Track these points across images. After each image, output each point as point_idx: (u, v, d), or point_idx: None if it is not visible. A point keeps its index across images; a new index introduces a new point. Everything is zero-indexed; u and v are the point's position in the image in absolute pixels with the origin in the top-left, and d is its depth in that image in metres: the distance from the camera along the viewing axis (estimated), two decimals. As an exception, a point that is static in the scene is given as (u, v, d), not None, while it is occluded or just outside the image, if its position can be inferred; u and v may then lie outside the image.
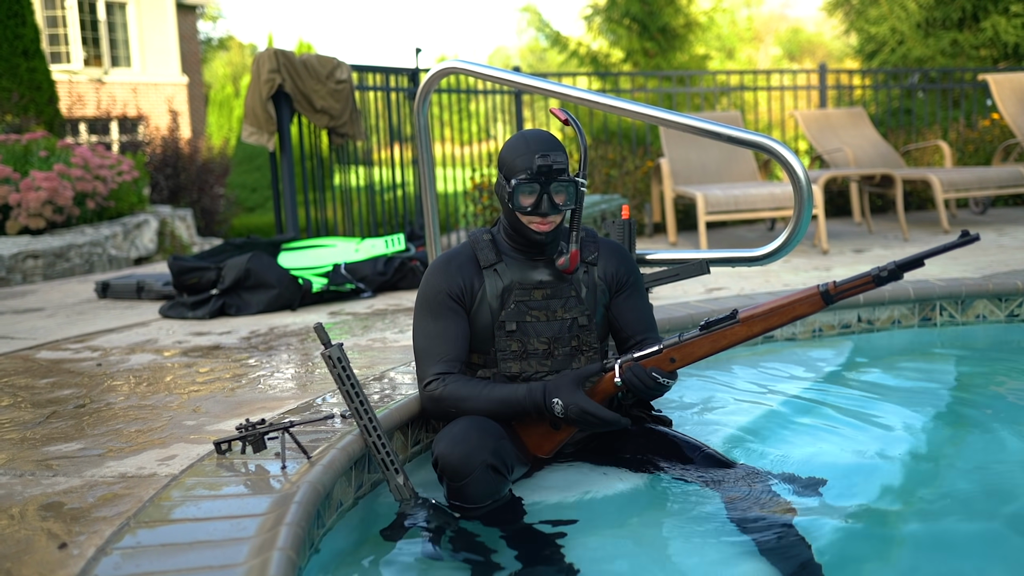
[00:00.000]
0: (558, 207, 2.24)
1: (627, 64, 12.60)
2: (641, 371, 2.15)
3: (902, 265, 2.03)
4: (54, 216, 6.69)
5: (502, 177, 2.28)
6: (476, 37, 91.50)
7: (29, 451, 2.20)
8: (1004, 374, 3.36)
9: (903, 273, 2.04)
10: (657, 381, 2.14)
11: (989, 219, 7.28)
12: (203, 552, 1.57)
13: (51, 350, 3.52)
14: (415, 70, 6.85)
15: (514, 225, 2.30)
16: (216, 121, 20.08)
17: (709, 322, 2.18)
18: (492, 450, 2.07)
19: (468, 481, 2.04)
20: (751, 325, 2.16)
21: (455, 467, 2.05)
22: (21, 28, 9.60)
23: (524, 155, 2.23)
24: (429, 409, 2.26)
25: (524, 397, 2.17)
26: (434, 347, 2.27)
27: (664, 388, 2.16)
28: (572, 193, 2.25)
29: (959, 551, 1.95)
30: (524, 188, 2.22)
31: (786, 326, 2.16)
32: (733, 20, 21.40)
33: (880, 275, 2.05)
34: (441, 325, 2.28)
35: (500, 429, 2.16)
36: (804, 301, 2.14)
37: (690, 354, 2.18)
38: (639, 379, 2.14)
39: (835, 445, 2.54)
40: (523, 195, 2.23)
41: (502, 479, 2.10)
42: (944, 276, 4.22)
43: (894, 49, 10.84)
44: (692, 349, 2.17)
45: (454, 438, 2.08)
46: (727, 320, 2.17)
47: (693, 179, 6.72)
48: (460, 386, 2.21)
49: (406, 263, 4.81)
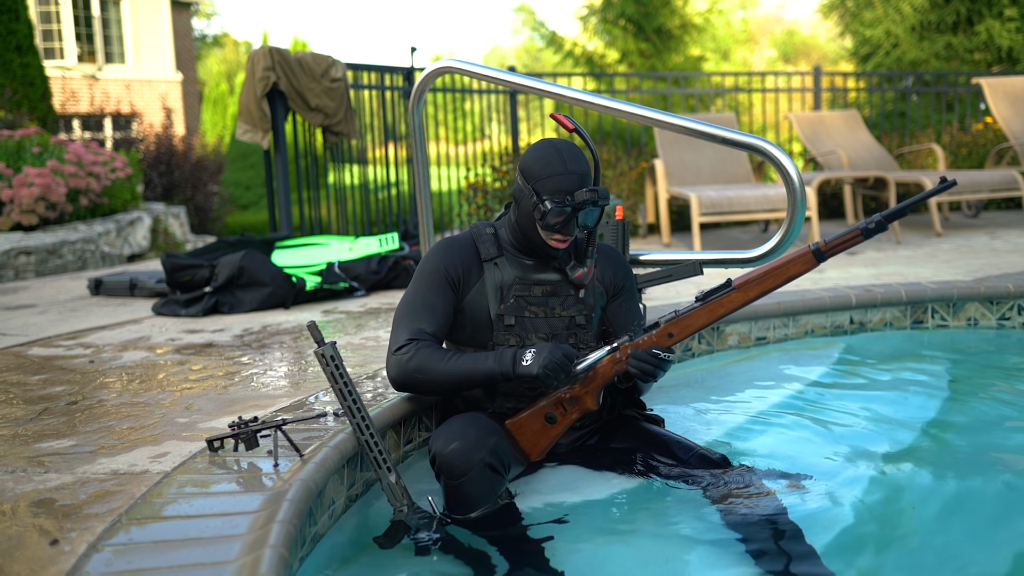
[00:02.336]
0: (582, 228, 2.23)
1: (622, 65, 12.61)
2: (641, 351, 2.14)
3: (887, 216, 2.05)
4: (47, 213, 6.67)
5: (530, 188, 2.22)
6: (471, 36, 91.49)
7: (21, 447, 2.20)
8: (994, 376, 3.37)
9: (888, 224, 2.05)
10: (658, 357, 2.13)
11: (981, 222, 7.30)
12: (195, 549, 1.57)
13: (43, 347, 3.51)
14: (410, 69, 6.85)
15: (528, 233, 2.26)
16: (210, 118, 20.04)
17: (705, 293, 2.18)
18: (491, 448, 2.07)
19: (466, 479, 2.04)
20: (747, 290, 2.16)
21: (453, 465, 2.04)
22: (14, 23, 9.57)
23: (562, 175, 2.18)
24: (394, 376, 2.21)
25: (493, 358, 2.14)
26: (416, 315, 2.24)
27: (666, 364, 2.15)
28: (596, 216, 2.23)
29: (948, 549, 1.96)
30: (558, 210, 2.18)
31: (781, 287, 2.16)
32: (728, 22, 21.43)
33: (868, 227, 2.07)
34: (431, 298, 2.26)
35: (497, 427, 2.16)
36: (797, 260, 2.14)
37: (688, 326, 2.17)
38: (640, 359, 2.13)
39: (827, 446, 2.55)
40: (554, 216, 2.18)
41: (499, 478, 2.10)
42: (936, 279, 4.24)
43: (888, 52, 10.88)
44: (690, 321, 2.17)
45: (452, 435, 2.08)
46: (722, 288, 2.17)
47: (687, 180, 6.73)
48: (430, 352, 2.18)
49: (400, 262, 4.81)
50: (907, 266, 4.96)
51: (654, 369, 2.14)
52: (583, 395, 2.22)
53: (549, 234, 2.23)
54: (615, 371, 2.19)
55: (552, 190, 2.18)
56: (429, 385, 2.20)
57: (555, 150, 2.22)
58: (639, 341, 2.19)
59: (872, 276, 4.61)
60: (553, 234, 2.23)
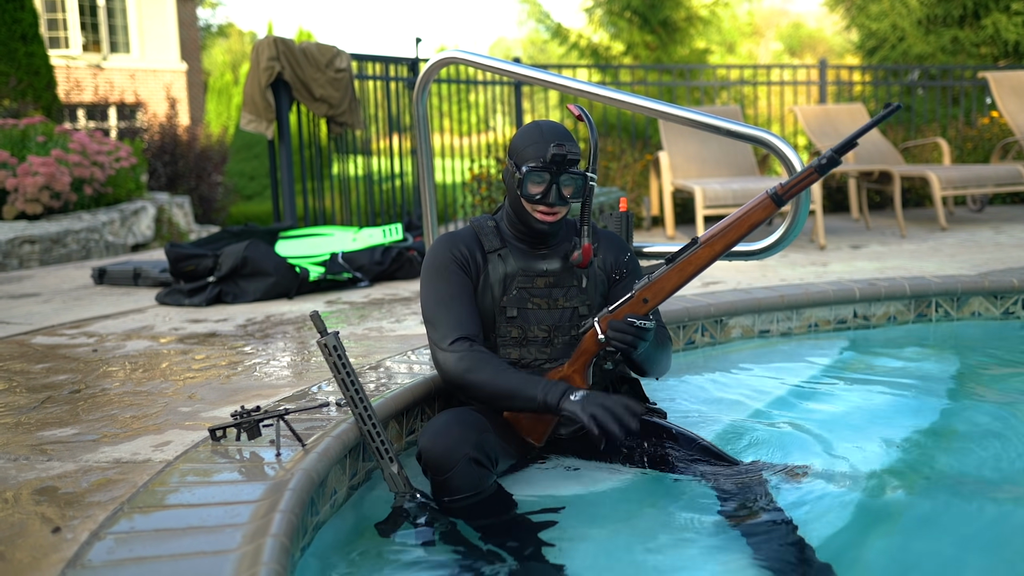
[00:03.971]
0: (566, 199, 2.24)
1: (627, 57, 12.58)
2: (617, 321, 2.15)
3: (837, 149, 2.02)
4: (51, 202, 6.68)
5: (512, 164, 2.27)
6: (477, 28, 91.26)
7: (24, 435, 2.20)
8: (999, 370, 3.37)
9: (840, 157, 2.03)
10: (635, 325, 2.13)
11: (986, 217, 7.28)
12: (197, 538, 1.57)
13: (47, 335, 3.52)
14: (415, 60, 6.83)
15: (518, 213, 2.30)
16: (215, 108, 20.03)
17: (673, 254, 2.17)
18: (474, 443, 2.06)
19: (451, 475, 2.04)
20: (712, 245, 2.15)
21: (438, 461, 2.05)
22: (19, 12, 9.56)
23: (538, 143, 2.23)
24: (447, 369, 2.20)
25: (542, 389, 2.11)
26: (452, 309, 2.24)
27: (644, 331, 2.14)
28: (580, 186, 2.24)
29: (953, 542, 1.95)
30: (535, 176, 2.22)
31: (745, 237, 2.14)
32: (734, 14, 21.36)
33: (820, 163, 2.05)
34: (455, 289, 2.26)
35: (484, 422, 2.15)
36: (756, 207, 2.12)
37: (661, 289, 2.17)
38: (618, 329, 2.13)
39: (830, 439, 2.54)
40: (533, 183, 2.22)
41: (485, 472, 2.09)
42: (940, 273, 4.23)
43: (895, 45, 10.84)
44: (662, 284, 2.16)
45: (436, 432, 2.08)
46: (689, 247, 2.17)
47: (692, 173, 6.72)
48: (484, 360, 2.17)
49: (404, 253, 4.81)
50: (911, 260, 4.95)
51: (633, 338, 2.13)
52: (571, 374, 2.22)
53: (535, 208, 2.25)
54: (599, 346, 2.19)
55: (529, 158, 2.23)
56: (474, 392, 2.20)
57: (536, 127, 2.28)
58: (615, 312, 2.19)
59: (876, 270, 4.60)
60: (538, 206, 2.25)
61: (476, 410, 2.23)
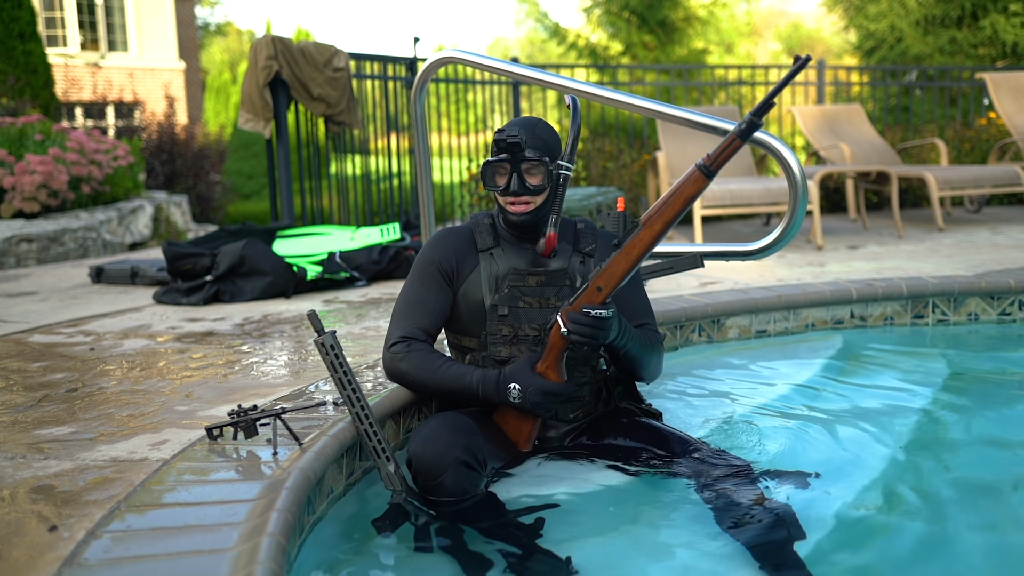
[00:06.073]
0: (528, 187, 2.24)
1: (626, 57, 12.59)
2: (575, 313, 2.16)
3: (755, 112, 2.03)
4: (49, 200, 6.67)
5: None
6: (475, 27, 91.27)
7: (20, 434, 2.20)
8: (994, 371, 3.37)
9: (759, 119, 2.03)
10: (591, 315, 2.14)
11: (984, 217, 7.29)
12: (193, 536, 1.57)
13: (44, 334, 3.51)
14: (413, 59, 6.83)
15: (500, 206, 2.34)
16: (213, 107, 20.03)
17: (619, 240, 2.18)
18: (464, 447, 2.06)
19: (441, 480, 2.04)
20: (651, 225, 2.15)
21: (427, 465, 2.04)
22: (17, 10, 9.55)
23: (498, 136, 2.26)
24: (388, 369, 2.30)
25: (477, 382, 2.20)
26: (410, 312, 2.31)
27: (603, 321, 2.15)
28: (545, 173, 2.25)
29: (947, 545, 1.96)
30: (494, 167, 2.26)
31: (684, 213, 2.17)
32: (732, 15, 21.35)
33: (740, 128, 2.05)
34: (424, 293, 2.32)
35: (473, 425, 2.16)
36: (687, 181, 2.11)
37: (612, 275, 2.17)
38: (576, 322, 2.15)
39: (825, 441, 2.55)
40: (496, 174, 2.27)
41: (475, 475, 2.09)
42: (937, 273, 4.23)
43: (893, 46, 10.85)
44: (612, 270, 2.17)
45: (426, 437, 2.08)
46: (632, 231, 2.18)
47: (689, 173, 6.71)
48: (421, 358, 2.24)
49: (401, 252, 4.81)
50: (908, 260, 4.96)
51: (591, 329, 2.15)
52: (545, 371, 2.21)
53: (504, 200, 2.29)
54: (564, 340, 2.20)
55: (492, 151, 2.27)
56: (416, 389, 2.30)
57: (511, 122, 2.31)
58: (573, 304, 2.19)
59: (873, 270, 4.61)
60: (507, 198, 2.28)
61: (465, 413, 2.23)
